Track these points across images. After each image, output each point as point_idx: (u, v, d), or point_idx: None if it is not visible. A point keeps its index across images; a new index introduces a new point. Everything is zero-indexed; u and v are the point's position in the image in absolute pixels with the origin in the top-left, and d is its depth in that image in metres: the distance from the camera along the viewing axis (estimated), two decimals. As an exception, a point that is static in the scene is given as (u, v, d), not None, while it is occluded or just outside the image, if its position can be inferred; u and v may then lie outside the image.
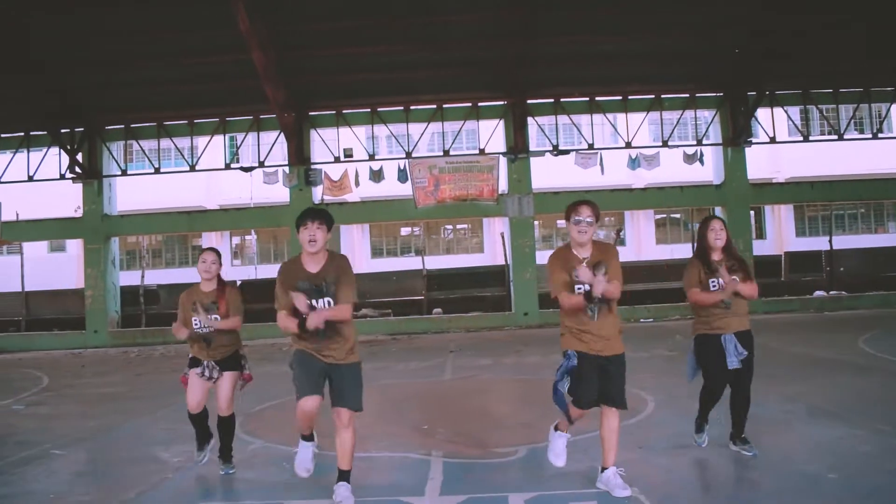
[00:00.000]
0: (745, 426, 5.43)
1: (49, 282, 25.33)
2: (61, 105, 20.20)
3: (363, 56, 18.60)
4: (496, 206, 20.19)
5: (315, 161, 20.91)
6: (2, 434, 7.49)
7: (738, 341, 5.27)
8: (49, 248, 28.24)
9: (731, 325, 5.29)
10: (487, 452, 5.50)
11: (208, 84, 19.61)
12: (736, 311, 5.32)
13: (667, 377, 8.74)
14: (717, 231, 5.37)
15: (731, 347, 5.24)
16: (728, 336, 5.27)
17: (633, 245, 27.65)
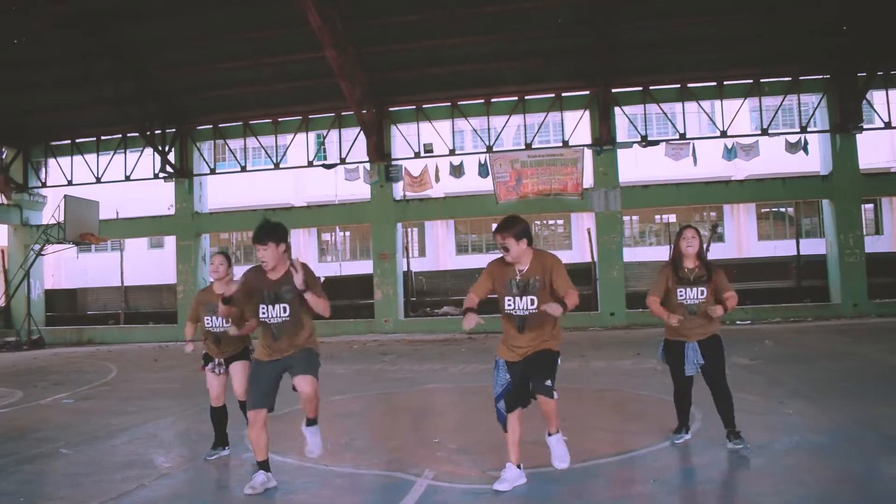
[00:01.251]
0: (733, 421, 5.39)
1: (148, 277, 26.31)
2: (156, 108, 20.82)
3: (442, 49, 18.18)
4: (581, 200, 19.32)
5: (396, 157, 20.66)
6: (28, 429, 7.51)
7: (700, 349, 5.39)
8: (149, 244, 29.31)
9: (693, 334, 5.43)
10: (482, 476, 4.89)
11: (291, 82, 19.70)
12: (698, 321, 5.39)
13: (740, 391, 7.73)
14: (688, 239, 5.47)
15: (690, 355, 5.40)
16: (690, 344, 5.42)
17: (733, 241, 25.99)
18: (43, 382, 11.41)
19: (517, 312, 4.52)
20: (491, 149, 19.85)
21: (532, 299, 4.46)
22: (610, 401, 7.92)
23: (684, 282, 5.44)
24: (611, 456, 5.37)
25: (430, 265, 26.92)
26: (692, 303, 5.43)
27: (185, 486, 5.12)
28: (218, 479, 5.26)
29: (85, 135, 22.72)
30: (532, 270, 4.52)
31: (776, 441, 5.59)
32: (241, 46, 18.33)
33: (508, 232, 4.51)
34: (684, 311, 5.40)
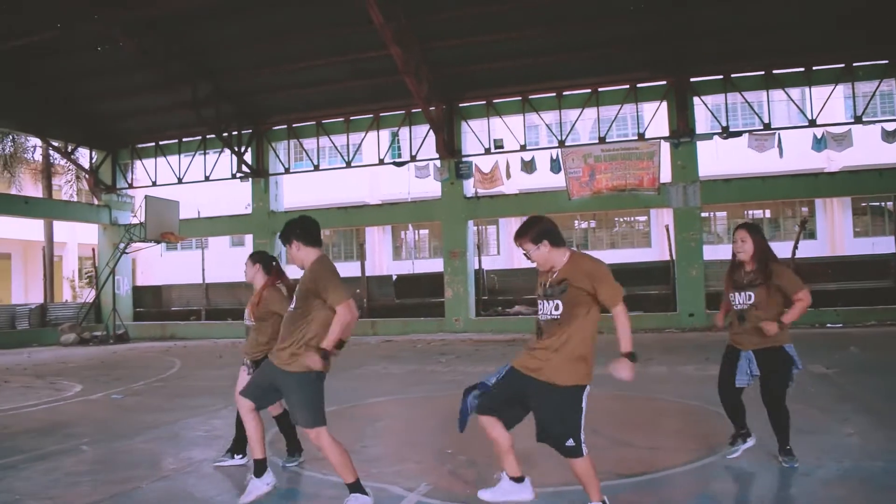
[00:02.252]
0: (786, 438, 4.93)
1: (230, 275, 26.89)
2: (232, 109, 21.27)
3: (510, 41, 17.70)
4: (658, 196, 18.46)
5: (466, 153, 20.35)
6: (64, 424, 7.56)
7: (754, 360, 4.90)
8: (231, 242, 30.03)
9: (745, 342, 4.94)
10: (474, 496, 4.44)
11: (362, 80, 19.71)
12: (750, 329, 4.88)
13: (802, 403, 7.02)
14: (738, 243, 4.98)
15: (744, 365, 4.95)
16: (745, 353, 4.94)
17: (826, 238, 24.40)
18: (107, 377, 11.69)
19: (541, 317, 3.94)
20: (563, 143, 19.25)
21: (557, 304, 3.84)
22: (652, 411, 7.37)
23: (737, 285, 5.01)
24: (628, 477, 4.83)
25: (505, 263, 26.49)
26: (740, 307, 4.96)
27: (180, 490, 4.93)
28: (216, 486, 5.03)
29: (167, 137, 23.46)
30: (564, 272, 3.88)
31: (822, 466, 4.92)
32: (313, 45, 18.39)
33: (525, 236, 3.96)
34: (735, 316, 5.00)
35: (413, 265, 26.59)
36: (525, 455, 4.48)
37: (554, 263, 3.93)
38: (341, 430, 6.86)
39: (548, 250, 3.91)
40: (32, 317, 22.00)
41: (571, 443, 3.75)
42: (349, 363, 12.64)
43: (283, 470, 5.30)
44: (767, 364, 4.87)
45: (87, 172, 24.34)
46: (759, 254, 4.92)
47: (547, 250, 3.91)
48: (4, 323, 21.49)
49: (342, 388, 9.79)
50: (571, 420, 3.78)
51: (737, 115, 20.31)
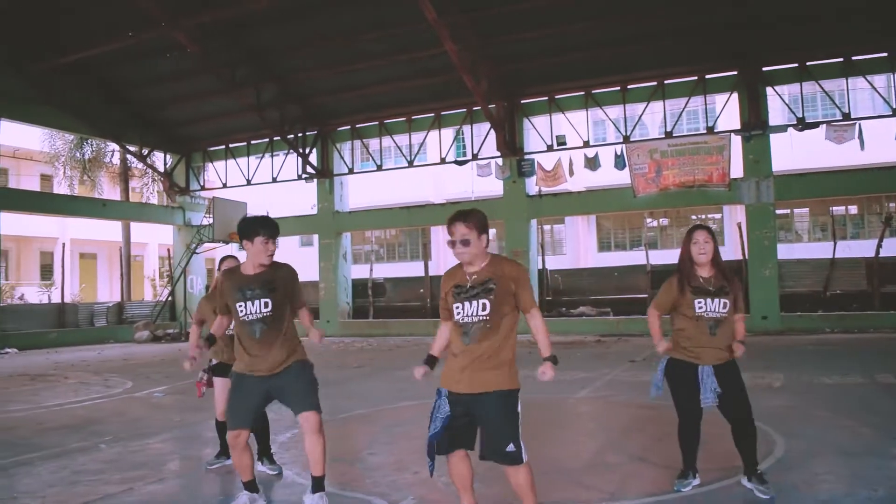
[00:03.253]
0: (755, 458, 4.39)
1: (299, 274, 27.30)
2: (296, 111, 21.55)
3: (572, 35, 17.20)
4: (728, 192, 17.63)
5: (528, 151, 19.97)
6: (95, 421, 7.68)
7: (715, 376, 4.34)
8: (300, 242, 30.46)
9: (708, 356, 4.38)
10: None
11: (423, 79, 19.59)
12: (719, 341, 4.37)
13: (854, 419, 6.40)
14: (700, 244, 4.43)
15: (709, 382, 4.34)
16: (705, 368, 4.37)
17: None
18: (160, 374, 11.95)
19: (463, 320, 3.59)
20: (628, 139, 18.64)
21: (484, 304, 3.54)
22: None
23: (702, 291, 4.39)
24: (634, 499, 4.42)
25: (570, 263, 25.92)
26: (712, 316, 4.36)
27: (169, 493, 4.87)
28: (208, 490, 4.94)
29: (236, 139, 23.99)
30: (486, 272, 3.61)
31: (851, 494, 4.33)
32: (374, 46, 18.36)
33: (471, 221, 3.59)
34: (703, 326, 4.36)
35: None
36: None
37: (475, 263, 3.63)
38: (358, 434, 6.76)
39: (483, 245, 3.62)
40: (110, 314, 22.87)
41: (512, 448, 3.51)
42: (395, 364, 12.54)
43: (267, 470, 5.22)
44: (730, 377, 4.39)
45: (162, 175, 25.14)
46: (717, 258, 4.46)
47: (483, 245, 3.62)
48: (84, 320, 22.40)
49: (378, 389, 9.69)
50: (510, 425, 3.54)
51: (814, 105, 19.25)
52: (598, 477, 4.91)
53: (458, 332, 3.62)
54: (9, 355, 17.52)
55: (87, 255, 34.00)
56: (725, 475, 4.70)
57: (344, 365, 12.97)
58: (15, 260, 31.50)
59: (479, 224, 3.60)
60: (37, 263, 32.10)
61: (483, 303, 3.54)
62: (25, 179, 29.40)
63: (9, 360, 16.07)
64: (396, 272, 26.00)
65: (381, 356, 14.61)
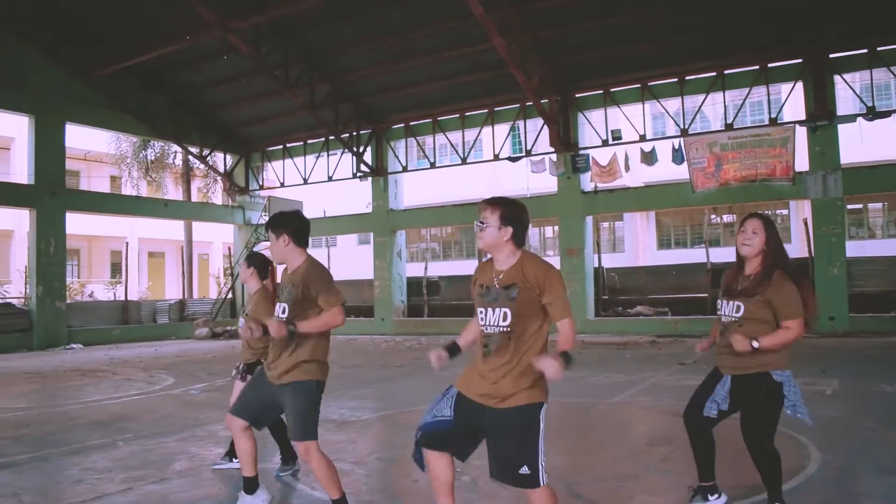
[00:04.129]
0: (772, 486, 3.79)
1: (357, 272, 27.45)
2: (350, 110, 21.66)
3: (626, 25, 16.65)
4: (793, 186, 16.78)
5: (582, 146, 19.50)
6: (123, 417, 7.72)
7: (731, 388, 3.84)
8: (358, 241, 30.63)
9: (723, 363, 3.93)
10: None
11: (475, 75, 19.40)
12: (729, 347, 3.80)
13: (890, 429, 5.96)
14: (747, 233, 3.87)
15: (720, 391, 3.88)
16: (727, 378, 3.89)
17: None
18: (205, 371, 12.08)
19: (486, 329, 3.26)
20: (686, 132, 17.97)
21: (505, 313, 3.19)
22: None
23: (728, 291, 3.94)
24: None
25: (628, 261, 25.24)
26: (726, 320, 3.92)
27: (167, 494, 4.77)
28: (204, 492, 4.81)
29: (293, 139, 24.27)
30: (512, 275, 3.22)
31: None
32: (425, 42, 18.27)
33: (497, 206, 3.26)
34: (722, 330, 3.95)
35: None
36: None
37: (502, 259, 3.27)
38: (373, 436, 6.59)
39: (506, 239, 3.23)
40: (172, 311, 23.43)
41: (526, 470, 3.09)
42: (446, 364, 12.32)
43: (275, 479, 5.06)
44: (746, 394, 3.80)
45: (222, 175, 25.63)
46: (770, 256, 3.83)
47: (503, 238, 3.23)
48: (147, 317, 23.03)
49: (413, 389, 9.52)
50: (527, 444, 3.12)
51: (887, 93, 18.17)
52: (606, 491, 4.57)
53: (480, 341, 3.31)
54: (73, 351, 18.12)
55: (155, 253, 35.07)
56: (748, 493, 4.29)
57: (386, 364, 12.87)
58: (86, 258, 32.70)
59: (504, 212, 3.23)
60: (107, 262, 33.26)
61: (504, 312, 3.19)
62: (96, 181, 30.46)
63: (71, 356, 16.59)
64: (451, 270, 25.83)
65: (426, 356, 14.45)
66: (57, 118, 19.98)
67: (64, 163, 20.41)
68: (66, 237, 20.15)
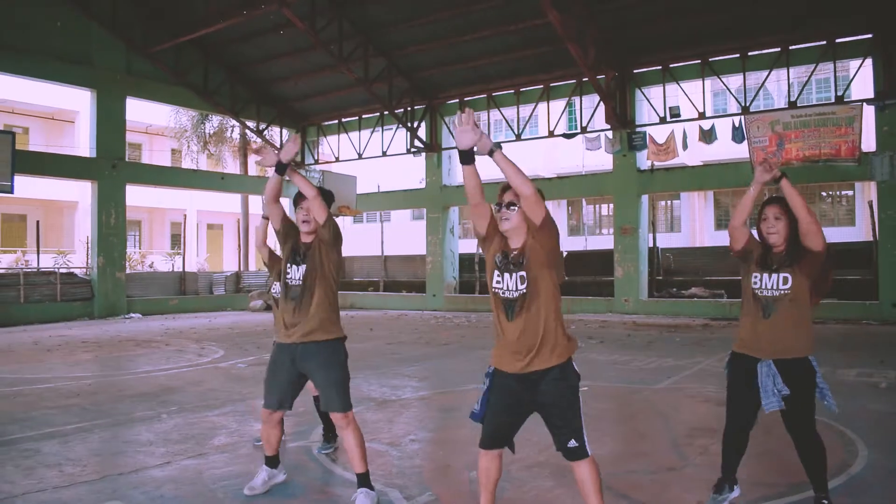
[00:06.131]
0: (820, 478, 3.66)
1: (410, 247, 27.60)
2: (405, 84, 21.63)
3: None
4: (858, 167, 16.11)
5: (640, 123, 19.07)
6: (170, 390, 7.89)
7: (778, 374, 3.58)
8: (411, 216, 30.72)
9: (766, 347, 3.65)
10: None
11: (530, 49, 19.14)
12: (777, 326, 3.62)
13: None
14: (770, 220, 3.72)
15: (768, 382, 3.60)
16: (765, 364, 3.64)
17: None
18: (254, 344, 12.28)
19: (504, 294, 3.38)
20: (747, 109, 17.38)
21: (522, 276, 3.32)
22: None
23: (766, 265, 3.73)
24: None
25: (684, 241, 24.70)
26: (768, 294, 3.68)
27: (202, 469, 4.85)
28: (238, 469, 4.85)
29: (348, 114, 24.36)
30: (525, 246, 3.36)
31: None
32: (480, 16, 18.08)
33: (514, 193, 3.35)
34: (758, 307, 3.70)
35: (586, 242, 25.59)
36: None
37: (516, 237, 3.39)
38: (409, 418, 6.58)
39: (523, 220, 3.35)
40: (228, 283, 23.93)
41: (574, 443, 3.26)
42: (483, 342, 12.30)
43: (316, 454, 5.17)
44: (798, 378, 3.64)
45: (278, 150, 25.82)
46: (794, 238, 3.70)
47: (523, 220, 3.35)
48: (204, 288, 23.56)
49: (455, 369, 9.52)
50: (575, 412, 3.28)
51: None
52: (637, 483, 4.46)
53: (500, 307, 3.40)
54: (131, 320, 18.68)
55: (214, 225, 35.80)
56: (776, 493, 4.15)
57: (432, 342, 12.89)
58: (148, 230, 33.61)
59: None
60: (167, 233, 34.12)
61: (521, 275, 3.35)
62: (157, 154, 31.21)
63: (130, 325, 17.12)
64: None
65: (473, 333, 14.43)
66: (118, 92, 20.46)
67: (124, 136, 20.91)
68: (126, 209, 20.70)
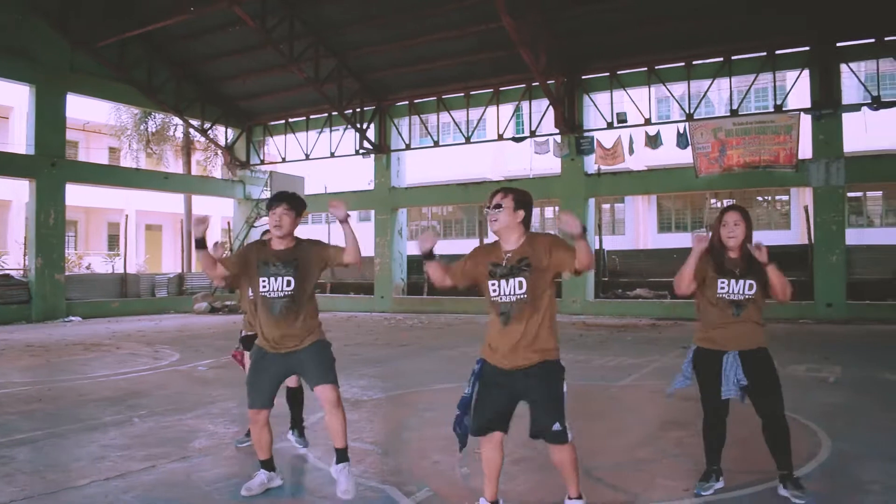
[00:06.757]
0: (789, 460, 4.07)
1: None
2: (355, 85, 21.57)
3: (635, 8, 16.58)
4: (795, 173, 16.85)
5: (588, 128, 19.48)
6: (135, 394, 7.75)
7: (741, 365, 4.03)
8: (358, 217, 30.57)
9: (733, 341, 4.08)
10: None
11: (482, 54, 19.36)
12: (744, 323, 4.07)
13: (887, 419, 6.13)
14: (730, 226, 4.14)
15: (731, 373, 4.04)
16: (730, 356, 4.06)
17: None
18: (209, 347, 12.10)
19: (502, 299, 3.57)
20: (691, 116, 17.97)
21: (521, 281, 3.52)
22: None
23: (728, 272, 4.12)
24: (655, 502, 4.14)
25: (628, 244, 25.33)
26: (736, 298, 4.09)
27: (190, 472, 4.82)
28: (227, 471, 4.85)
29: (296, 114, 24.16)
30: (521, 251, 3.59)
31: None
32: (433, 20, 18.22)
33: (510, 194, 3.63)
34: (726, 309, 4.09)
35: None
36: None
37: (512, 240, 3.63)
38: (388, 417, 6.65)
39: (517, 220, 3.60)
40: (171, 285, 23.42)
41: (558, 427, 3.52)
42: (443, 343, 12.44)
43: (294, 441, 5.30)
44: (759, 367, 4.05)
45: (223, 149, 25.51)
46: (747, 244, 4.12)
47: (517, 220, 3.60)
48: (146, 290, 23.01)
49: (419, 369, 9.61)
50: (559, 400, 3.56)
51: (892, 83, 18.16)
52: (625, 476, 4.64)
53: (495, 311, 3.59)
54: (72, 323, 18.13)
55: (152, 226, 34.91)
56: (757, 479, 4.38)
57: (390, 343, 12.93)
58: (84, 230, 32.56)
59: (516, 198, 3.61)
60: (104, 234, 33.11)
61: (519, 280, 3.54)
62: (95, 152, 30.27)
63: (72, 329, 16.61)
64: (452, 249, 25.74)
65: (430, 334, 14.54)
66: (59, 88, 19.79)
67: (65, 133, 20.24)
68: (65, 209, 20.05)
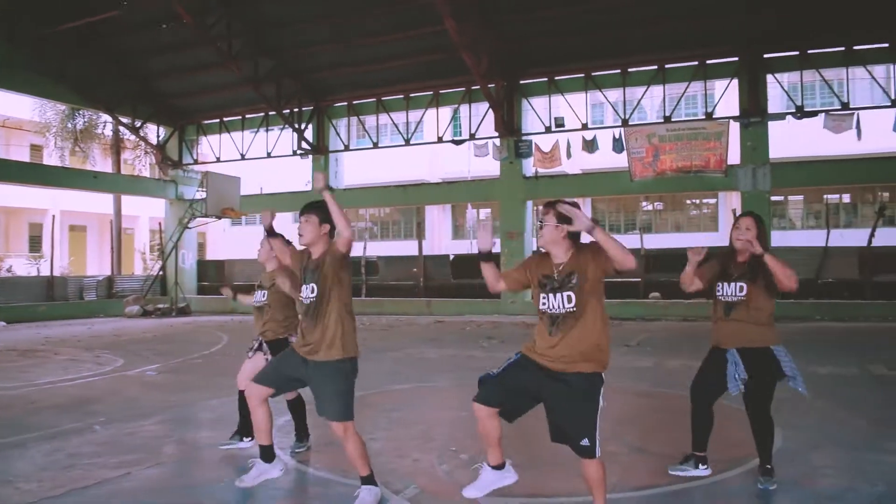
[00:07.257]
0: (769, 455, 4.41)
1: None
2: (293, 86, 21.36)
3: (574, 16, 17.02)
4: (725, 178, 17.61)
5: (526, 132, 19.85)
6: (89, 400, 7.57)
7: (741, 362, 4.36)
8: (294, 219, 30.25)
9: (727, 339, 4.43)
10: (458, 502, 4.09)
11: (422, 56, 19.44)
12: (737, 323, 4.36)
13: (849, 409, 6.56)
14: (740, 229, 4.44)
15: (732, 369, 4.39)
16: (731, 353, 4.40)
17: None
18: (152, 352, 11.83)
19: (551, 311, 3.63)
20: (626, 122, 18.55)
21: (569, 296, 3.58)
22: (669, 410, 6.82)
23: (727, 276, 4.46)
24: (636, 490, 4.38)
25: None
26: (729, 300, 4.42)
27: (169, 477, 4.80)
28: (207, 475, 4.83)
29: (231, 114, 23.75)
30: (570, 266, 3.63)
31: (853, 489, 4.37)
32: (374, 22, 18.25)
33: (550, 208, 3.66)
34: (721, 309, 4.46)
35: (471, 245, 26.24)
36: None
37: (560, 253, 3.66)
38: (361, 418, 6.67)
39: (562, 236, 3.62)
40: (100, 288, 22.70)
41: (586, 442, 3.50)
42: (389, 345, 12.48)
43: (290, 456, 5.18)
44: (758, 366, 4.37)
45: (155, 148, 24.86)
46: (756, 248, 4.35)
47: (560, 235, 3.62)
48: (74, 294, 22.22)
49: (373, 371, 9.59)
50: (587, 414, 3.53)
51: (813, 93, 19.18)
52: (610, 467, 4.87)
53: (545, 322, 3.64)
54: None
55: (77, 227, 33.68)
56: (733, 465, 4.71)
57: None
58: (3, 231, 31.18)
59: (558, 213, 3.59)
60: (26, 235, 31.78)
61: (568, 295, 3.59)
62: (15, 150, 29.04)
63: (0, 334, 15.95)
64: (390, 250, 25.91)
65: (373, 336, 14.54)
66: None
67: (-13, 130, 19.44)
68: (-12, 208, 19.24)
